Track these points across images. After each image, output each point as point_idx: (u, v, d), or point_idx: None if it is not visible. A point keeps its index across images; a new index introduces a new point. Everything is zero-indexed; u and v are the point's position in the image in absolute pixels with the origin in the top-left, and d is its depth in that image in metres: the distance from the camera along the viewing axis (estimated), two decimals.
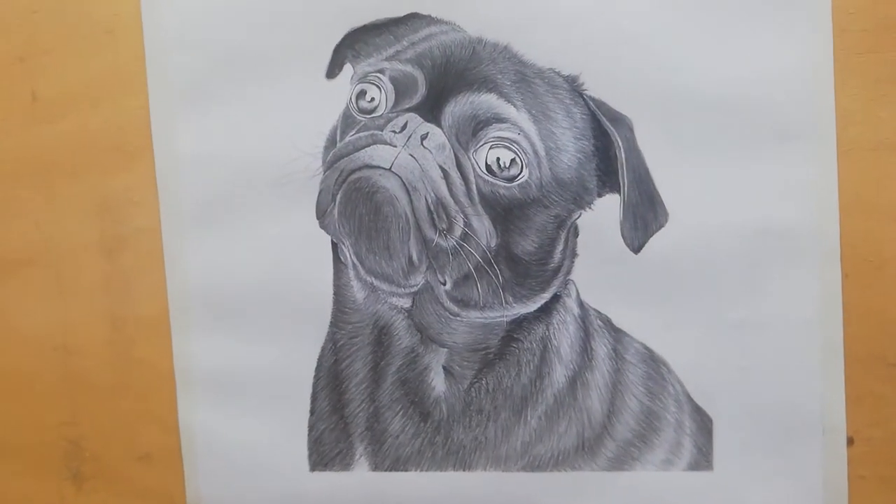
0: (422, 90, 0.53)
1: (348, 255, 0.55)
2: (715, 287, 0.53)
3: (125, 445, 0.60)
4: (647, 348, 0.54)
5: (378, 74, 0.54)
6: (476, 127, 0.52)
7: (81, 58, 0.58)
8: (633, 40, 0.52)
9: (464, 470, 0.56)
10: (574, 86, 0.53)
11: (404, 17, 0.54)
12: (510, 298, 0.54)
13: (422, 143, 0.52)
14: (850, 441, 0.53)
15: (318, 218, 0.55)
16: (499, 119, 0.52)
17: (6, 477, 0.62)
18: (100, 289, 0.59)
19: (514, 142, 0.52)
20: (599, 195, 0.54)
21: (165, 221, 0.58)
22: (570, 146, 0.53)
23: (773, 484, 0.54)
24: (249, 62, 0.56)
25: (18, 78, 0.59)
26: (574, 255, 0.54)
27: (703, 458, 0.54)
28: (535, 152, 0.53)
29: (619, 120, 0.53)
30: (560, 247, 0.54)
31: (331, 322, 0.57)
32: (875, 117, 0.52)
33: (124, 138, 0.58)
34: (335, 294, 0.56)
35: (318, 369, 0.57)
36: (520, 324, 0.55)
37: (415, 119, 0.53)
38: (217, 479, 0.59)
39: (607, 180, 0.54)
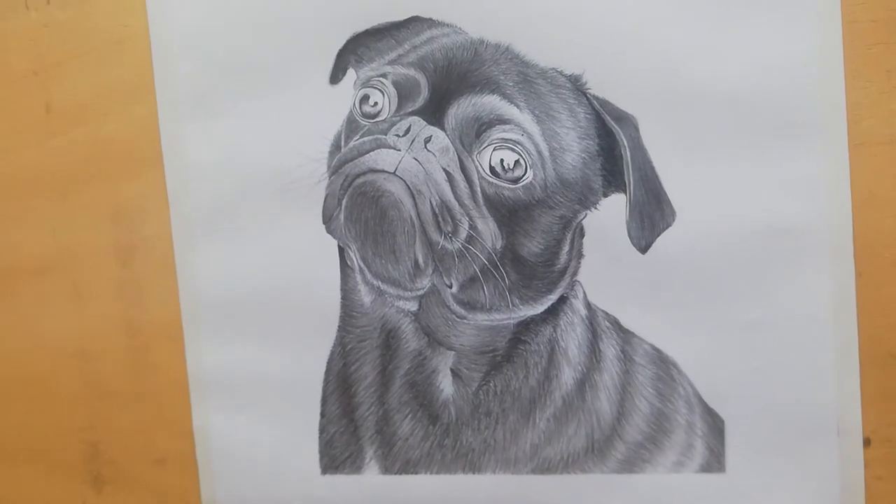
0: (424, 93, 0.53)
1: (355, 260, 0.55)
2: (725, 286, 0.52)
3: (142, 449, 0.61)
4: (656, 349, 0.54)
5: (381, 79, 0.54)
6: (479, 129, 0.52)
7: (92, 69, 0.59)
8: (636, 37, 0.51)
9: (473, 472, 0.56)
10: (577, 85, 0.53)
11: (405, 20, 0.54)
12: (517, 300, 0.54)
13: (425, 147, 0.52)
14: (866, 442, 0.52)
15: (324, 223, 0.55)
16: (502, 120, 0.52)
17: (30, 480, 0.63)
18: (115, 296, 0.60)
19: (518, 143, 0.52)
20: (605, 195, 0.53)
21: (176, 229, 0.59)
22: (575, 146, 0.53)
23: (788, 486, 0.53)
24: (254, 70, 0.56)
25: (33, 91, 0.60)
26: (580, 255, 0.54)
27: (715, 460, 0.54)
28: (539, 153, 0.52)
29: (623, 119, 0.52)
30: (566, 248, 0.54)
31: (339, 326, 0.57)
32: (887, 110, 0.50)
33: (135, 147, 0.59)
34: (342, 298, 0.57)
35: (327, 373, 0.58)
36: (527, 326, 0.55)
37: (418, 122, 0.52)
38: (231, 482, 0.60)
39: (613, 180, 0.53)
